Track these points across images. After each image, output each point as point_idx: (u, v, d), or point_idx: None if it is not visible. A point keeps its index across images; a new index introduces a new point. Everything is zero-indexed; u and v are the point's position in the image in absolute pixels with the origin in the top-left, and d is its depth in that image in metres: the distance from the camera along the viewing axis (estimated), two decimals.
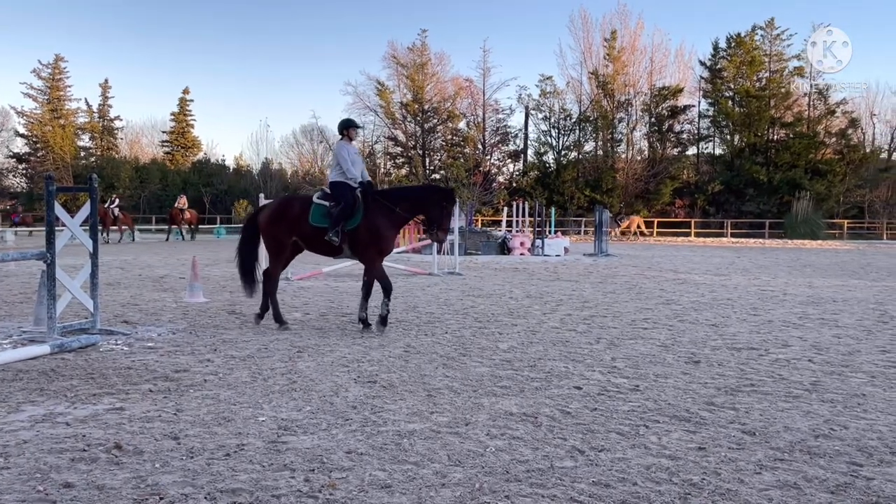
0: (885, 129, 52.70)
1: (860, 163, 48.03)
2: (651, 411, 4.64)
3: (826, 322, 8.73)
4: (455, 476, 3.41)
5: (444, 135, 54.52)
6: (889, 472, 3.55)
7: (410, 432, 4.09)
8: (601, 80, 50.87)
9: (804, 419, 4.47)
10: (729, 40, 50.71)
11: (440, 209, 7.68)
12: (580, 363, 6.16)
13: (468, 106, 54.45)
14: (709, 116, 52.19)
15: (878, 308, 10.11)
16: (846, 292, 12.32)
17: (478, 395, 5.00)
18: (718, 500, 3.17)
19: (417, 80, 52.81)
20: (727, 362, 6.26)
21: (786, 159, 47.61)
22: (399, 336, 7.44)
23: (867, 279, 15.19)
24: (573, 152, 53.17)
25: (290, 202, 8.24)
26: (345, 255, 7.99)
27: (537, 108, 53.15)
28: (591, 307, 10.07)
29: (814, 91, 49.27)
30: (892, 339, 7.54)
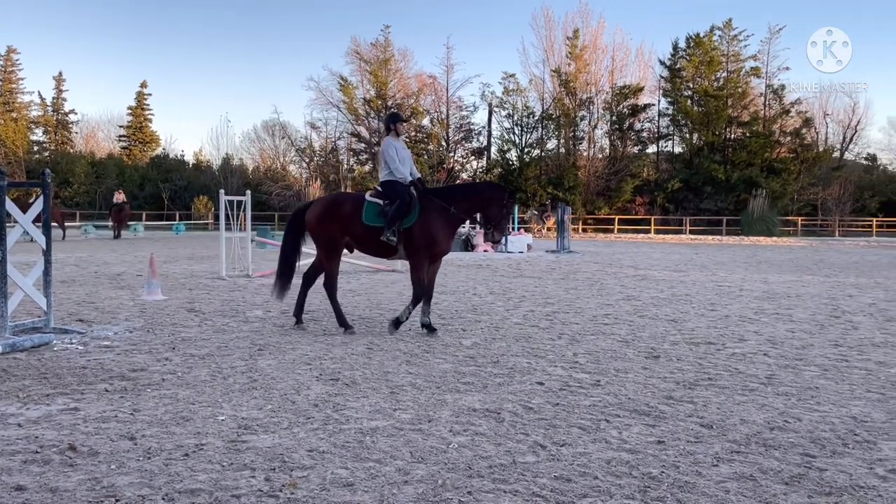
0: (838, 129, 54.28)
1: (813, 161, 49.35)
2: (612, 406, 4.69)
3: (781, 317, 8.94)
4: (418, 473, 3.40)
5: (407, 131, 54.37)
6: (841, 463, 3.65)
7: (373, 430, 4.07)
8: (563, 78, 51.29)
9: (760, 412, 4.57)
10: (688, 40, 51.59)
11: (499, 208, 7.35)
12: (543, 359, 6.20)
13: (432, 103, 54.47)
14: (668, 115, 53.06)
15: (831, 303, 10.39)
16: (800, 288, 12.63)
17: (441, 391, 5.00)
18: (677, 492, 3.22)
19: (380, 77, 52.59)
20: (686, 357, 6.37)
21: (742, 158, 48.67)
22: (362, 333, 7.40)
23: (820, 275, 15.61)
24: (536, 150, 53.55)
25: (341, 200, 7.81)
26: (399, 256, 7.59)
27: (500, 106, 53.41)
28: (554, 303, 10.15)
29: (769, 91, 50.45)
30: (843, 333, 7.76)
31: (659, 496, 3.17)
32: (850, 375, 5.66)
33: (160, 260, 16.03)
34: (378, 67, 52.82)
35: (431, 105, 54.38)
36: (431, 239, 7.31)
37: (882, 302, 10.56)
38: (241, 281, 12.60)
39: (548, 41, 53.36)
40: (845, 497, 3.19)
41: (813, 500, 3.16)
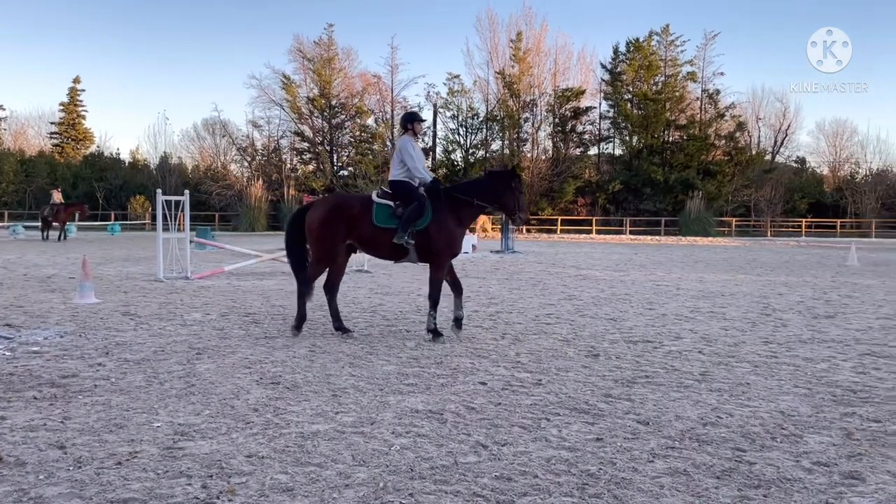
0: (769, 133, 56.38)
1: (747, 164, 51.06)
2: (552, 404, 4.76)
3: (715, 315, 9.23)
4: (359, 476, 3.39)
5: (352, 131, 53.98)
6: (770, 456, 3.79)
7: (314, 433, 4.03)
8: (507, 80, 51.75)
9: (694, 408, 4.71)
10: (628, 45, 52.73)
11: (511, 192, 7.28)
12: (486, 359, 6.25)
13: (376, 102, 54.16)
14: (609, 118, 54.11)
15: (762, 301, 10.78)
16: (734, 287, 13.06)
17: (384, 393, 4.99)
18: (614, 488, 3.29)
19: (324, 75, 52.02)
20: (624, 355, 6.51)
21: (680, 160, 50.03)
22: (304, 336, 7.31)
23: (752, 274, 16.18)
24: (481, 150, 53.88)
25: (348, 201, 7.50)
26: (409, 259, 7.36)
27: (445, 107, 53.52)
28: (497, 303, 10.24)
29: (705, 96, 52.02)
30: (773, 330, 8.06)
31: (596, 493, 3.24)
32: (779, 371, 5.88)
33: (94, 262, 15.50)
34: (321, 66, 52.23)
35: (376, 105, 54.13)
36: (451, 238, 7.21)
37: (810, 300, 11.01)
38: (180, 283, 12.29)
39: (492, 43, 53.81)
40: (773, 489, 3.32)
41: (742, 492, 3.27)
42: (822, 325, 8.47)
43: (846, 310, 9.87)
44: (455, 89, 53.02)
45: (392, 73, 53.25)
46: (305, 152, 54.32)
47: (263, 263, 15.75)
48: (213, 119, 55.18)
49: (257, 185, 47.07)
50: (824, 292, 12.17)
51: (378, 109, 54.10)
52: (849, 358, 6.48)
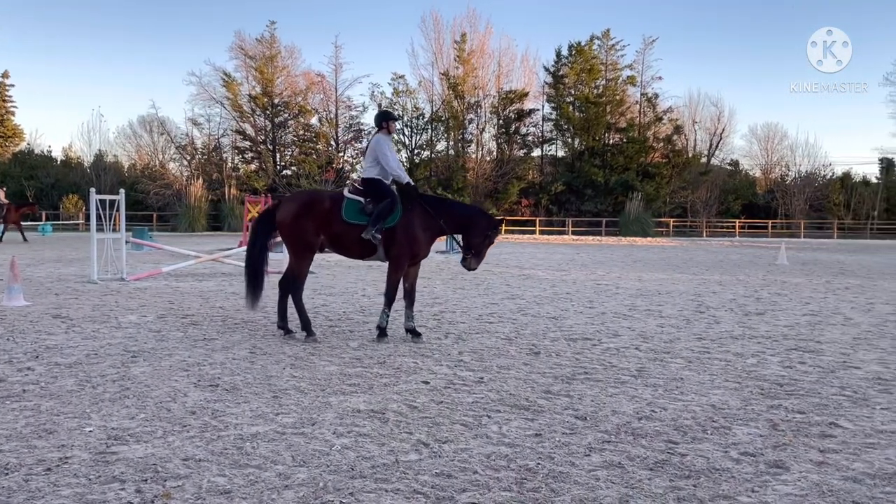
0: (705, 136, 58.19)
1: (684, 166, 52.57)
2: (494, 402, 4.82)
3: (652, 313, 9.49)
4: (299, 477, 3.37)
5: (295, 130, 53.26)
6: (700, 448, 3.93)
7: (253, 435, 3.99)
8: (452, 81, 51.93)
9: (630, 403, 4.84)
10: (570, 48, 53.58)
11: (483, 237, 7.26)
12: (429, 358, 6.28)
13: (320, 101, 53.55)
14: (552, 120, 54.87)
15: (697, 299, 11.13)
16: (670, 285, 13.44)
17: (326, 394, 4.96)
18: (551, 482, 3.36)
19: (267, 73, 51.16)
20: (564, 352, 6.64)
21: (620, 162, 51.13)
22: (245, 337, 7.20)
23: (688, 273, 16.67)
24: (426, 151, 53.94)
25: (319, 196, 7.42)
26: (376, 257, 7.30)
27: (390, 106, 53.34)
28: (441, 303, 10.28)
29: (643, 99, 53.34)
30: (707, 327, 8.33)
31: (534, 487, 3.30)
32: (711, 366, 6.10)
33: (23, 263, 14.89)
34: (264, 64, 51.35)
35: (320, 104, 53.52)
36: (414, 240, 7.16)
37: (741, 298, 11.42)
38: (115, 285, 11.94)
39: (436, 44, 53.91)
40: (702, 479, 3.44)
41: (674, 483, 3.39)
42: (753, 321, 8.81)
43: (775, 307, 10.28)
44: (400, 89, 52.92)
45: (336, 72, 52.80)
46: (247, 151, 53.32)
47: (203, 264, 15.42)
48: (151, 116, 53.65)
49: (197, 185, 45.97)
50: (755, 290, 12.64)
51: (322, 108, 53.54)
52: (777, 353, 6.76)
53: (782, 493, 3.29)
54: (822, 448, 3.93)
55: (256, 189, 45.00)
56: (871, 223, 53.26)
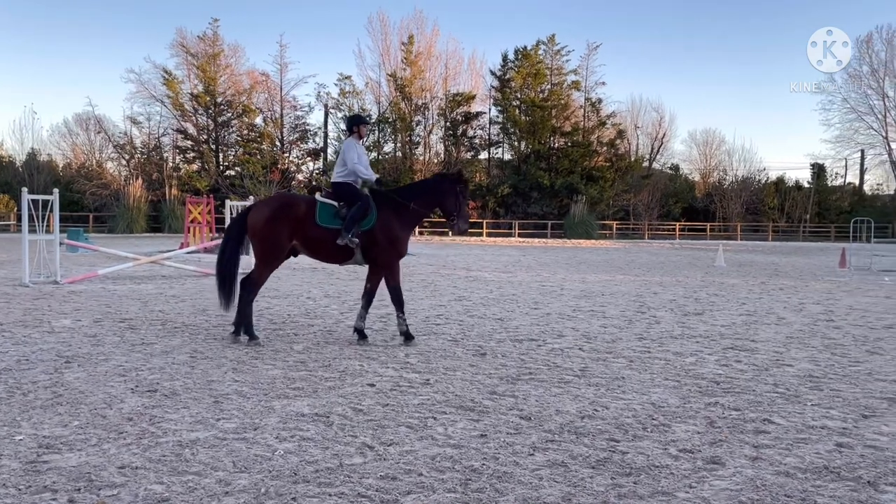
0: (647, 141, 59.63)
1: (626, 170, 53.70)
2: (439, 403, 4.83)
3: (595, 313, 9.65)
4: (240, 483, 3.30)
5: (239, 130, 52.32)
6: (641, 445, 4.01)
7: (193, 441, 3.89)
8: (399, 82, 51.87)
9: (573, 402, 4.91)
10: (516, 53, 54.12)
11: (454, 196, 7.23)
12: (375, 361, 6.25)
13: (265, 101, 52.76)
14: (499, 123, 55.32)
15: (638, 300, 11.37)
16: (613, 286, 13.70)
17: (269, 398, 4.88)
18: (496, 482, 3.38)
19: (209, 72, 50.12)
20: (510, 353, 6.69)
21: (565, 165, 51.90)
22: (185, 341, 7.03)
23: (630, 274, 17.03)
24: (373, 152, 53.66)
25: (292, 200, 7.30)
26: (354, 261, 7.24)
27: (337, 107, 52.95)
28: (388, 306, 10.21)
29: (588, 104, 54.31)
30: (647, 327, 8.52)
31: (479, 487, 3.32)
32: (652, 365, 6.23)
33: None
34: (206, 62, 50.30)
35: (264, 104, 52.73)
36: (395, 239, 7.15)
37: (681, 298, 11.73)
38: (48, 288, 11.50)
39: (384, 45, 53.78)
40: (642, 476, 3.52)
41: (615, 480, 3.45)
42: (692, 321, 9.05)
43: (713, 307, 10.59)
44: (346, 90, 52.59)
45: (281, 71, 52.12)
46: (189, 151, 52.11)
47: (142, 267, 14.99)
48: (87, 114, 51.95)
49: (136, 185, 44.67)
50: (694, 291, 12.99)
51: (267, 108, 52.76)
52: (714, 352, 6.96)
53: (718, 488, 3.39)
54: (757, 444, 4.06)
55: (198, 189, 44.02)
56: (804, 226, 55.39)
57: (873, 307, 10.85)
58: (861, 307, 10.82)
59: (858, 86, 58.60)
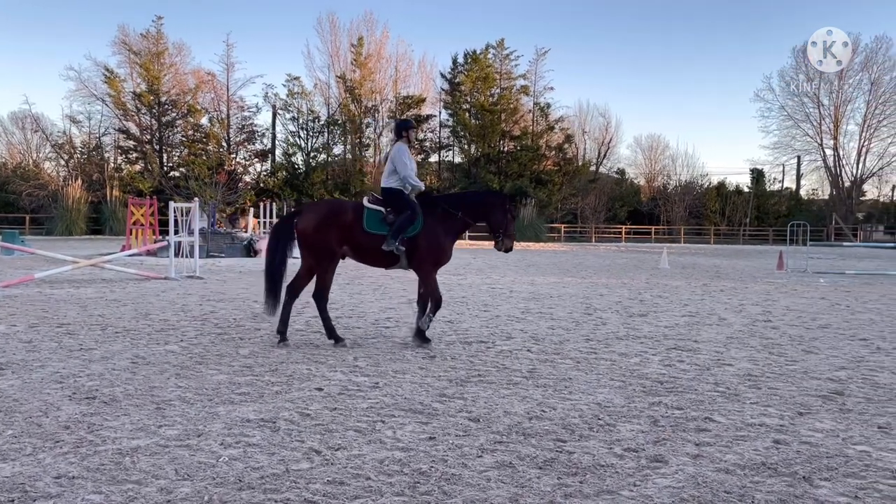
0: (594, 145, 60.71)
1: (574, 174, 54.57)
2: (388, 406, 4.81)
3: (543, 315, 9.76)
4: (182, 491, 3.23)
5: (184, 130, 51.17)
6: (587, 445, 4.07)
7: (133, 449, 3.78)
8: (349, 84, 51.57)
9: (521, 403, 4.96)
10: (466, 56, 54.42)
11: (503, 213, 7.37)
12: (323, 364, 6.18)
13: (211, 101, 51.75)
14: (449, 126, 55.54)
15: (585, 302, 11.55)
16: (561, 289, 13.88)
17: (213, 404, 4.78)
18: (444, 485, 3.39)
19: (153, 70, 48.92)
20: (459, 356, 6.71)
21: (514, 169, 52.43)
22: (126, 346, 6.84)
23: (578, 277, 17.29)
24: (322, 154, 53.21)
25: (341, 206, 7.37)
26: (399, 266, 7.29)
27: (285, 108, 52.29)
28: (337, 308, 10.15)
29: (536, 108, 54.98)
30: (594, 328, 8.66)
31: (427, 490, 3.31)
32: (598, 366, 6.34)
33: None
34: (150, 60, 49.08)
35: (210, 104, 51.72)
36: (438, 248, 7.24)
37: (626, 300, 11.96)
38: None
39: (333, 46, 53.41)
40: (588, 476, 3.57)
41: (562, 480, 3.49)
42: (636, 322, 9.24)
43: (657, 308, 10.83)
44: (295, 91, 51.96)
45: (227, 71, 51.21)
46: (131, 151, 50.74)
47: (81, 270, 14.52)
48: (24, 112, 50.15)
49: (75, 186, 43.27)
50: (639, 293, 13.26)
51: (213, 108, 51.75)
52: (658, 352, 7.11)
53: (661, 485, 3.46)
54: (698, 442, 4.17)
55: (141, 191, 42.89)
56: (744, 230, 57.17)
57: (809, 308, 11.26)
58: (797, 308, 11.22)
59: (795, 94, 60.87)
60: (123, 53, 49.65)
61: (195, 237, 15.48)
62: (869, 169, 60.87)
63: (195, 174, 43.77)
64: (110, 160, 50.18)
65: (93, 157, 49.32)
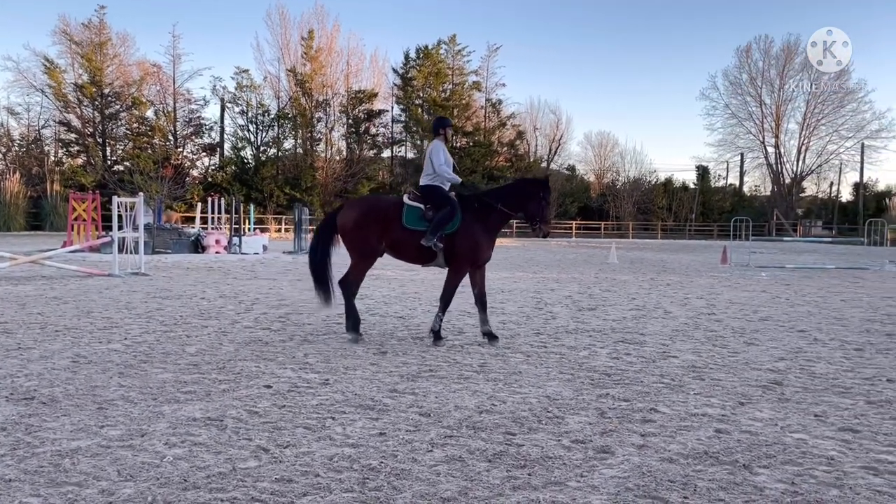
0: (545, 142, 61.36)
1: (526, 170, 55.04)
2: (339, 403, 4.78)
3: (494, 310, 9.82)
4: (125, 492, 3.15)
5: (128, 123, 49.80)
6: (536, 437, 4.12)
7: (74, 451, 3.68)
8: (299, 78, 50.93)
9: (472, 398, 4.99)
10: (418, 51, 54.41)
11: (538, 201, 7.31)
12: (272, 361, 6.11)
13: (156, 93, 50.52)
14: (401, 121, 55.46)
15: (536, 296, 11.67)
16: (512, 283, 14.00)
17: (158, 403, 4.68)
18: (393, 480, 3.39)
19: (95, 61, 47.45)
20: (411, 351, 6.71)
21: (467, 165, 52.58)
22: (67, 345, 6.63)
23: (529, 272, 17.46)
24: (272, 149, 52.46)
25: (380, 203, 7.47)
26: (437, 263, 7.31)
27: (234, 102, 51.38)
28: (288, 305, 10.04)
29: (488, 105, 55.26)
30: (544, 322, 8.76)
31: (376, 486, 3.31)
32: (548, 359, 6.42)
33: None
34: (92, 51, 47.60)
35: (156, 96, 50.48)
36: (476, 245, 7.19)
37: (576, 294, 12.13)
38: None
39: (283, 39, 52.66)
40: (536, 468, 3.61)
41: (511, 473, 3.53)
42: (586, 316, 9.38)
43: (605, 302, 11.01)
44: (244, 84, 51.09)
45: (174, 63, 50.10)
46: (73, 144, 49.17)
47: (20, 267, 14.02)
48: None
49: (13, 180, 41.70)
50: (588, 287, 13.47)
51: (158, 101, 50.52)
52: (606, 345, 7.24)
53: (607, 476, 3.53)
54: (644, 432, 4.26)
55: (84, 185, 41.58)
56: (690, 225, 58.59)
57: (750, 301, 11.61)
58: (740, 301, 11.56)
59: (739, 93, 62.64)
60: (64, 44, 48.08)
61: (140, 233, 15.10)
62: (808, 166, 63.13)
63: (140, 168, 42.67)
64: (51, 153, 48.58)
65: (32, 151, 47.64)
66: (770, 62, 61.51)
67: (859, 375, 5.99)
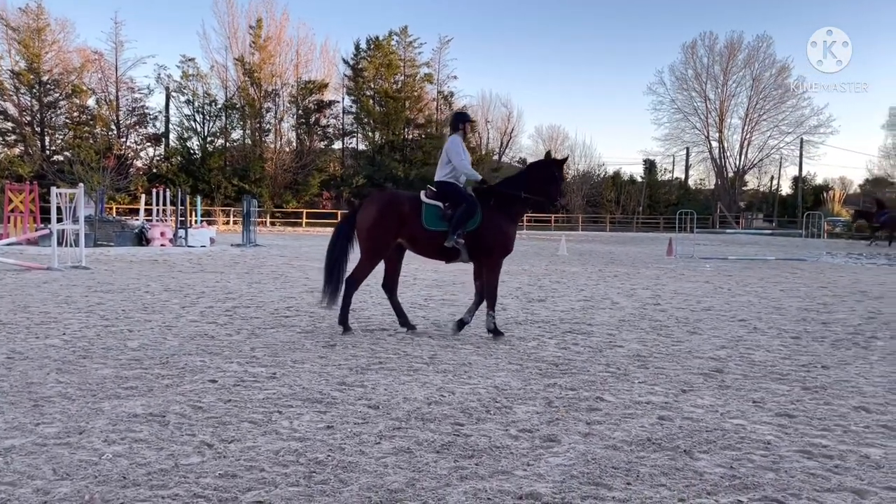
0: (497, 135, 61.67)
1: (477, 163, 55.24)
2: (286, 397, 4.72)
3: (447, 302, 9.85)
4: (61, 491, 3.05)
5: (68, 111, 48.10)
6: (484, 427, 4.14)
7: (7, 449, 3.54)
8: (247, 67, 49.96)
9: (421, 389, 4.99)
10: (369, 42, 53.96)
11: (555, 181, 7.32)
12: (218, 356, 6.00)
13: (98, 82, 48.88)
14: (352, 113, 54.96)
15: None
16: (463, 276, 14.02)
17: (97, 399, 4.54)
18: (340, 473, 3.36)
19: (33, 48, 45.63)
20: (360, 343, 6.68)
21: (419, 157, 52.58)
22: (1, 341, 6.38)
23: None
24: (220, 139, 51.41)
25: (398, 200, 7.26)
26: (461, 259, 7.23)
27: (179, 91, 50.11)
28: (235, 298, 9.87)
29: (440, 97, 55.23)
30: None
31: (323, 479, 3.28)
32: (497, 351, 6.46)
33: None
34: (29, 37, 45.73)
35: (97, 84, 48.86)
36: (505, 237, 7.18)
37: (526, 286, 12.25)
38: None
39: (230, 28, 51.53)
40: (484, 457, 3.64)
41: (458, 463, 3.54)
42: (535, 307, 9.48)
43: (555, 294, 11.15)
44: (190, 73, 49.84)
45: (116, 50, 48.52)
46: (9, 133, 47.21)
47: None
48: None
49: None
50: (538, 279, 13.61)
51: (100, 89, 48.92)
52: (554, 336, 7.33)
53: (553, 464, 3.57)
54: (589, 420, 4.33)
55: (21, 176, 40.02)
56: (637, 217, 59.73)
57: (694, 291, 11.91)
58: (684, 291, 11.84)
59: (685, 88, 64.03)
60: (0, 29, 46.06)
61: (81, 225, 14.63)
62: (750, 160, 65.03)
63: (81, 158, 41.26)
64: None
65: None
66: (714, 58, 63.10)
67: (796, 362, 6.20)
